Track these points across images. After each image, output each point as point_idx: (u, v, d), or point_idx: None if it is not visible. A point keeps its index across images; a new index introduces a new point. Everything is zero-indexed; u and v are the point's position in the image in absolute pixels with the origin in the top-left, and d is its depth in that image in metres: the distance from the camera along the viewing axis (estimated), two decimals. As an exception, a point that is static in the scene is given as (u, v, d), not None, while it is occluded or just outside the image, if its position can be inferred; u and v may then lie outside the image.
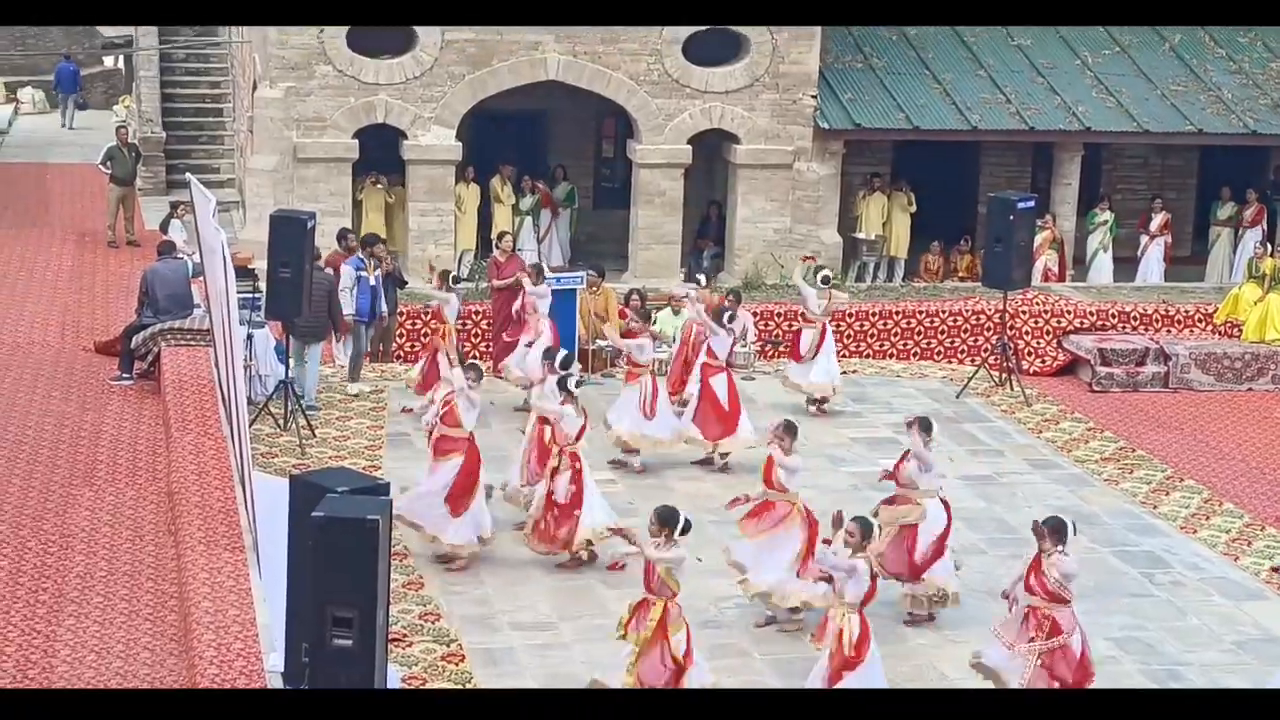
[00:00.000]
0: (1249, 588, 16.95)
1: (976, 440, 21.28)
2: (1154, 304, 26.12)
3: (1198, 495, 19.60)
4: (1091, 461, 20.67)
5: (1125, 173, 31.55)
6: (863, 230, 29.16)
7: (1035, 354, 25.14)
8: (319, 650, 11.34)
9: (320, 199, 26.04)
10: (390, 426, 20.57)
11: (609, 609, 15.60)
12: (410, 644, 14.70)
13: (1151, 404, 23.52)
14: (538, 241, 28.43)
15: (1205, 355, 24.66)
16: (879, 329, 25.35)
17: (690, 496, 18.21)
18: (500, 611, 15.62)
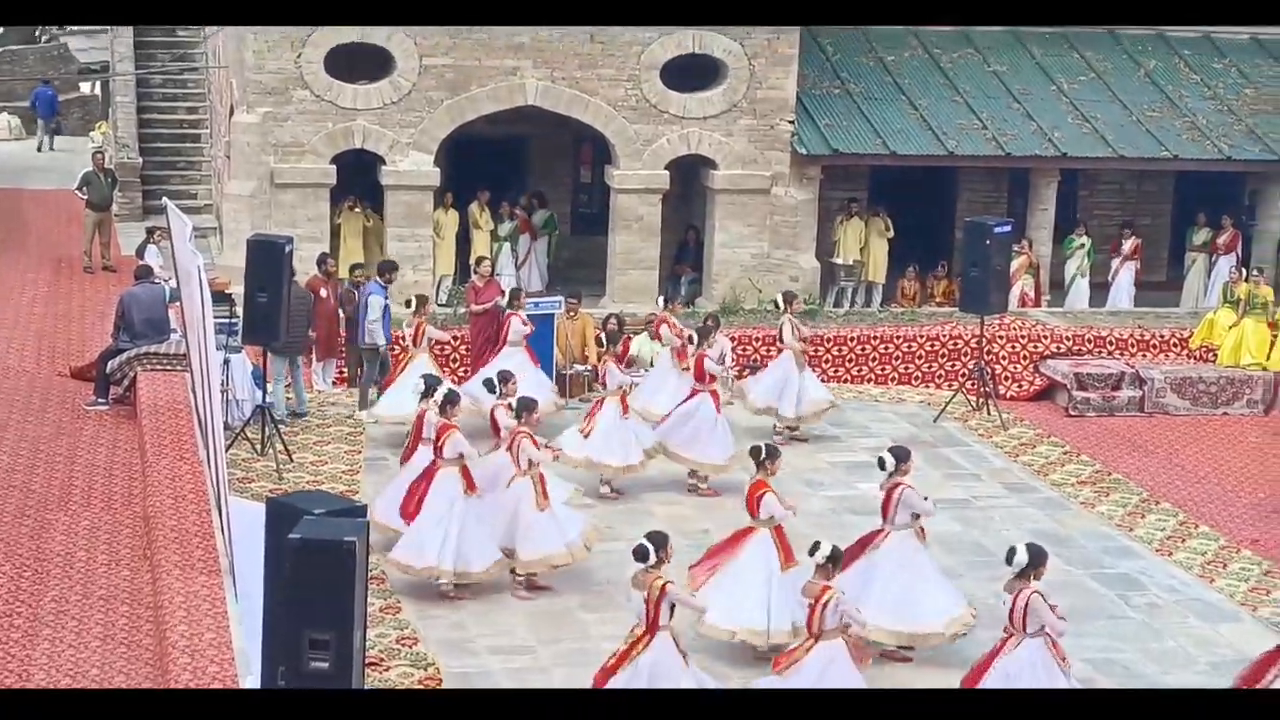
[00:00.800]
0: (1225, 610, 17.00)
1: (953, 464, 21.33)
2: (1130, 329, 26.20)
3: (1173, 518, 19.65)
4: (1068, 485, 20.72)
5: (1101, 198, 31.69)
6: (840, 256, 29.22)
7: (1012, 378, 25.20)
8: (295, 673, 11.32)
9: (298, 224, 26.03)
10: (368, 452, 20.55)
11: (589, 633, 15.65)
12: (388, 668, 14.68)
13: (1127, 428, 23.59)
14: (516, 267, 28.45)
15: (1181, 380, 24.75)
16: (857, 354, 25.39)
17: (668, 520, 18.20)
18: (478, 635, 15.61)
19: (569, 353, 23.15)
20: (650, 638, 12.96)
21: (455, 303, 25.87)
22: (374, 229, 27.69)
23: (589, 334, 23.58)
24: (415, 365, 20.67)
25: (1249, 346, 25.35)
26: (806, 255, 28.34)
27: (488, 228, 28.35)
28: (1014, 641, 13.08)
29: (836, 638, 13.11)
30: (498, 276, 25.57)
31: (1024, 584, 13.10)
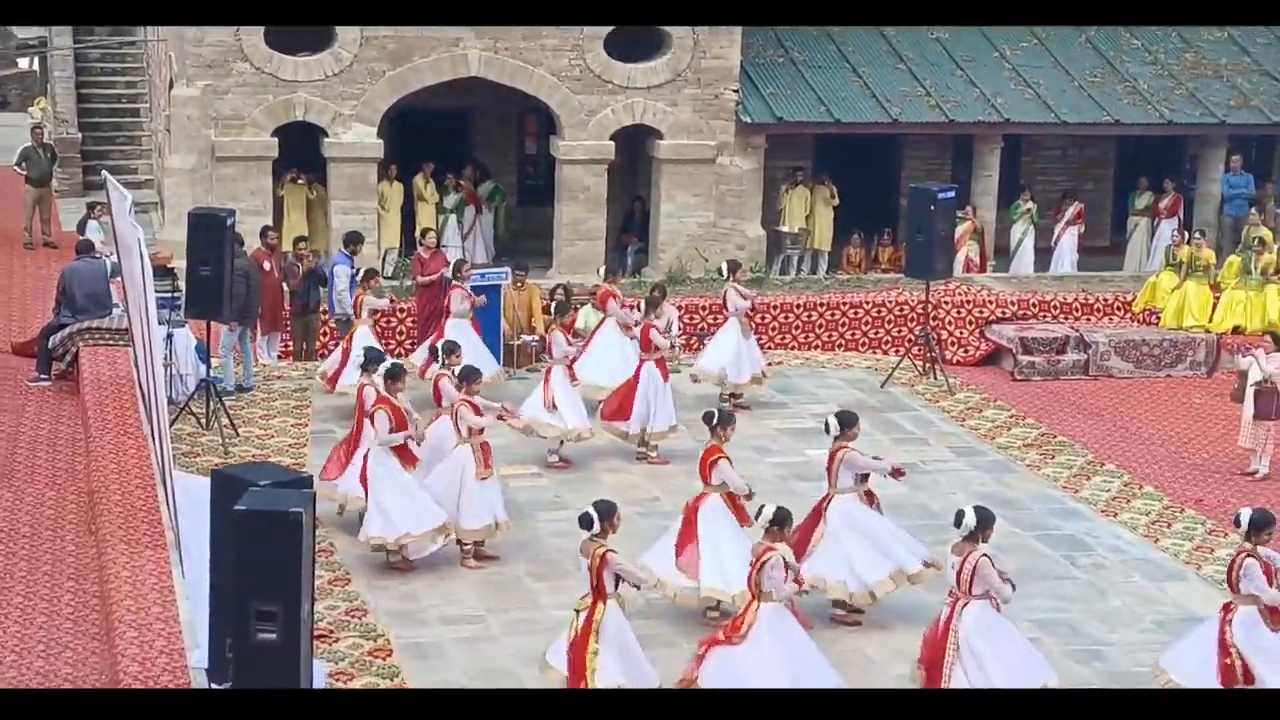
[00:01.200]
0: (1169, 569, 17.13)
1: (901, 429, 21.41)
2: (1074, 293, 26.33)
3: (1118, 479, 19.78)
4: (1014, 448, 20.83)
5: (1044, 164, 31.80)
6: (786, 224, 29.24)
7: (958, 343, 25.30)
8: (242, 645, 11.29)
9: (240, 198, 25.89)
10: (315, 425, 20.49)
11: (538, 601, 15.66)
12: (337, 639, 14.65)
13: (1072, 391, 23.72)
14: (462, 239, 28.38)
15: (1124, 343, 24.89)
16: (803, 321, 25.45)
17: (617, 488, 18.22)
18: (428, 606, 15.60)
19: (516, 324, 23.11)
20: (600, 603, 12.95)
21: (401, 275, 25.79)
22: (318, 201, 27.57)
23: (536, 305, 23.54)
24: (357, 337, 20.60)
25: (1191, 309, 25.50)
26: (752, 224, 28.35)
27: (432, 200, 28.26)
28: (960, 605, 13.12)
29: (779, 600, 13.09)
30: (443, 248, 25.50)
31: (972, 547, 13.14)
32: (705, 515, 15.28)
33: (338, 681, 13.79)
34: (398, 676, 14.03)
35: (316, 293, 22.83)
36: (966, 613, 13.02)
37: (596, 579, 12.91)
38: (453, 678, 14.14)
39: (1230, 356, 23.96)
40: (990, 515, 13.31)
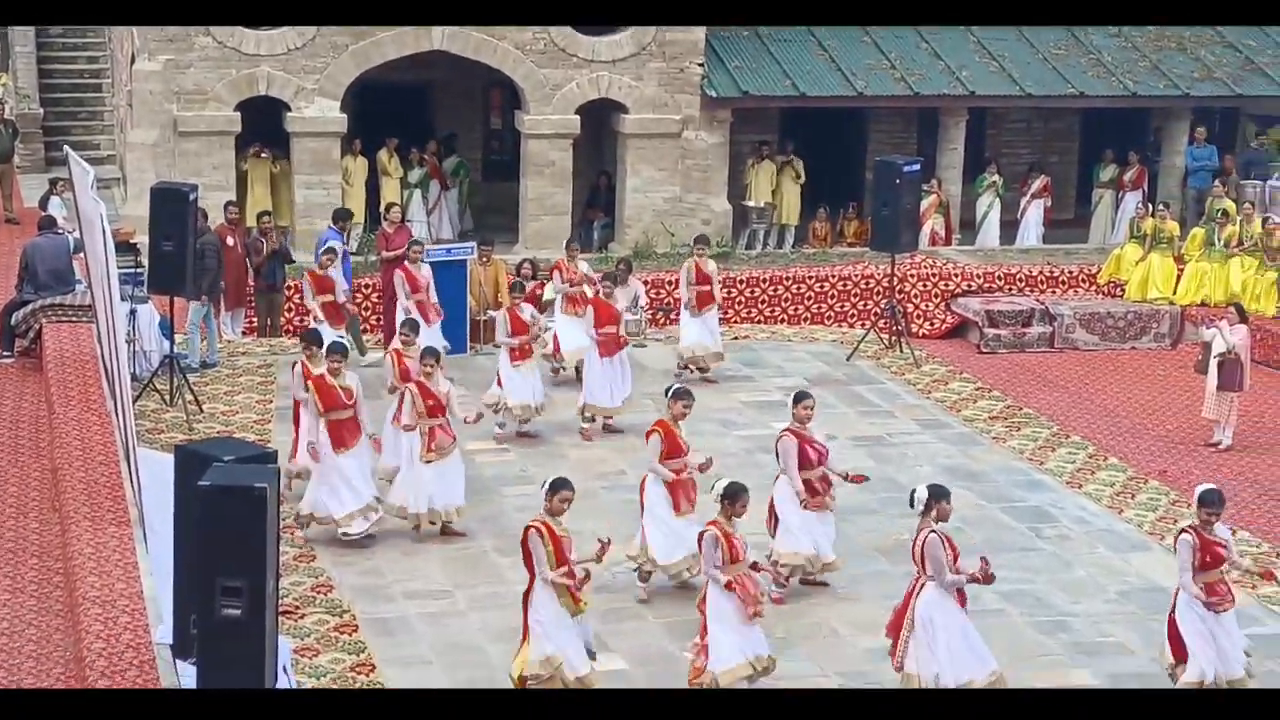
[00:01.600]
0: (1133, 539, 17.21)
1: (867, 402, 21.46)
2: (1039, 266, 26.42)
3: (1083, 451, 19.86)
4: (980, 420, 20.90)
5: (1009, 137, 31.84)
6: (752, 198, 29.25)
7: (924, 316, 25.36)
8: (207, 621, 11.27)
9: (203, 173, 25.79)
10: (279, 399, 20.44)
11: (503, 576, 15.65)
12: (302, 615, 14.64)
13: (1038, 363, 23.81)
14: (426, 214, 28.32)
15: (1089, 315, 24.98)
16: (770, 295, 25.49)
17: (582, 463, 18.24)
18: (393, 581, 15.59)
19: (482, 299, 23.07)
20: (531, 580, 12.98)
21: (365, 250, 25.72)
22: (282, 175, 27.46)
23: (502, 280, 23.47)
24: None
25: (1156, 281, 25.60)
26: (718, 198, 28.34)
27: (397, 174, 28.18)
28: (919, 583, 13.11)
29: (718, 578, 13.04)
30: (408, 223, 25.45)
31: (925, 524, 13.04)
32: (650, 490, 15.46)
33: (302, 657, 13.78)
34: (363, 652, 14.02)
35: (282, 270, 22.77)
36: (924, 592, 13.00)
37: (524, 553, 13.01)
38: (419, 653, 14.15)
39: (1194, 328, 24.07)
40: (941, 490, 13.10)
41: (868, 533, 16.91)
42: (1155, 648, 13.77)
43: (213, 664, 11.34)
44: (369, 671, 13.67)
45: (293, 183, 27.08)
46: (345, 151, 27.40)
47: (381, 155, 28.12)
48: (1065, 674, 14.16)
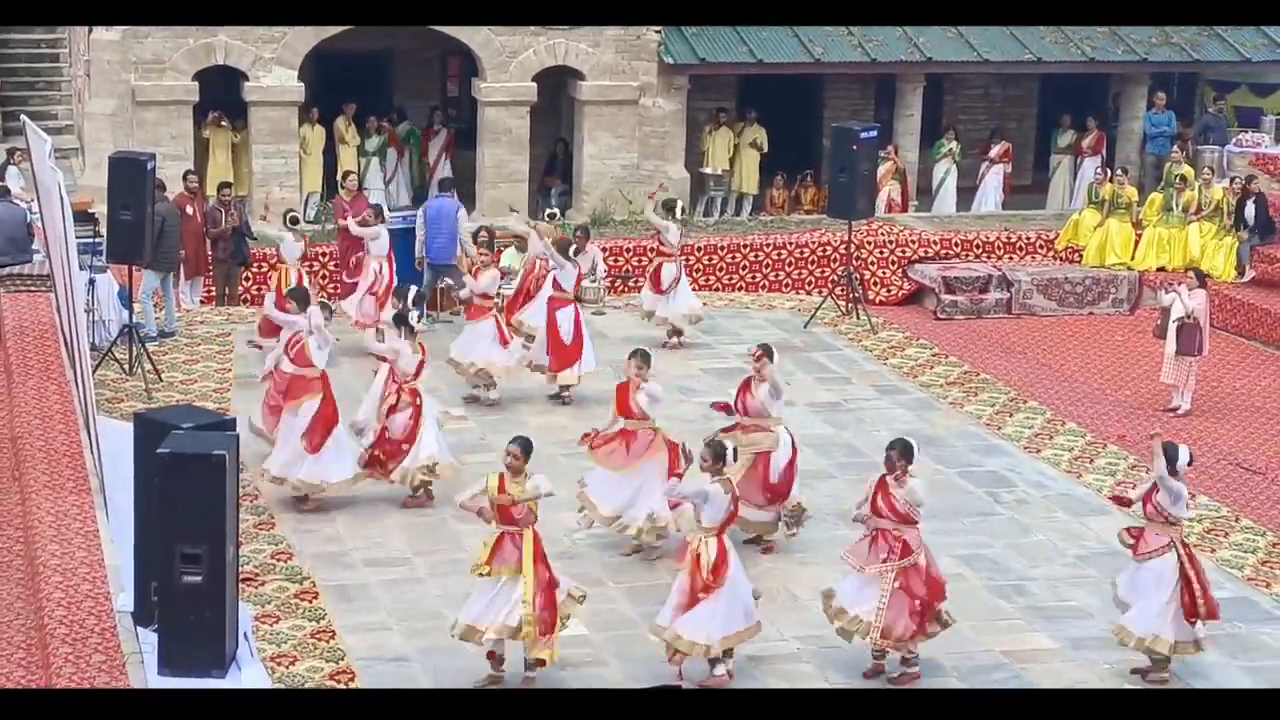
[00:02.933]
0: (1091, 504, 17.33)
1: (824, 368, 21.54)
2: (996, 231, 26.52)
3: (1040, 416, 19.98)
4: (937, 386, 21.01)
5: (967, 103, 31.89)
6: (709, 165, 29.28)
7: (881, 283, 25.45)
8: (168, 588, 11.33)
9: (161, 143, 25.68)
10: (238, 368, 20.43)
11: (462, 544, 15.67)
12: (263, 583, 14.66)
13: (995, 329, 23.92)
14: (384, 182, 28.28)
15: (1047, 281, 25.10)
16: (727, 262, 25.55)
17: (542, 429, 18.25)
18: (353, 549, 15.62)
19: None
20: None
21: (323, 219, 25.67)
22: (243, 144, 27.36)
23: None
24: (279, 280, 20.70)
25: (1114, 246, 25.74)
26: (676, 166, 28.36)
27: (354, 143, 28.11)
28: None
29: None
30: (365, 191, 25.40)
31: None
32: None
33: (263, 624, 13.81)
34: (323, 619, 14.05)
35: (243, 242, 22.74)
36: None
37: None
38: (379, 619, 14.18)
39: (1153, 293, 24.22)
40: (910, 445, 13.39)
41: (826, 497, 16.99)
42: (1114, 611, 13.87)
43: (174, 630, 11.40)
44: (329, 637, 13.70)
45: (251, 152, 26.98)
46: (303, 120, 27.33)
47: (339, 123, 28.05)
48: (1023, 638, 14.28)
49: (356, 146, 28.12)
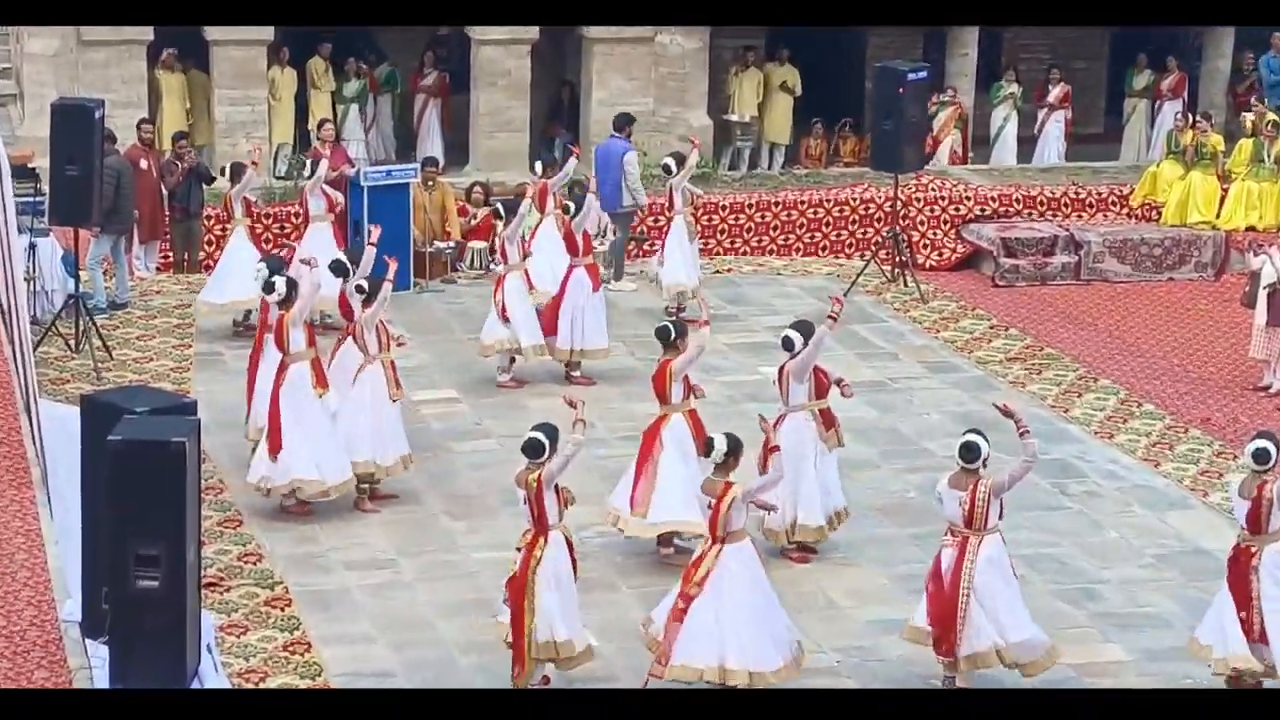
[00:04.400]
0: (1171, 496, 17.32)
1: (867, 343, 21.52)
2: (1063, 186, 26.43)
3: (1114, 396, 19.96)
4: (995, 362, 20.98)
5: (1028, 39, 31.74)
6: (735, 112, 29.22)
7: (931, 246, 25.39)
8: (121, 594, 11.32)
9: (111, 87, 25.65)
10: (199, 344, 20.45)
11: (456, 543, 15.74)
12: (228, 589, 14.69)
13: (1062, 298, 23.87)
14: (365, 131, 28.26)
15: (1121, 242, 25.02)
16: (756, 222, 25.49)
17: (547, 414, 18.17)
18: (330, 549, 15.65)
19: (428, 229, 23.05)
20: (543, 538, 13.07)
21: (295, 174, 25.67)
22: (199, 89, 27.32)
23: (450, 206, 23.52)
24: (232, 242, 20.81)
25: (1197, 202, 25.64)
26: (697, 112, 28.29)
27: (329, 87, 28.08)
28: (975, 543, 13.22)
29: (744, 538, 13.23)
30: (344, 142, 25.39)
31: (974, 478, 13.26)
32: (666, 439, 15.37)
33: (229, 635, 13.82)
34: (297, 629, 14.07)
35: (200, 194, 22.73)
36: (983, 548, 13.17)
37: (537, 508, 13.01)
38: (360, 630, 14.20)
39: (1240, 256, 24.14)
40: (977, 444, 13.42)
41: (868, 489, 16.97)
42: (1197, 619, 13.85)
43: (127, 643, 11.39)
44: (304, 650, 13.73)
45: (213, 98, 26.96)
46: (272, 62, 27.28)
47: (313, 65, 28.00)
48: (1094, 649, 14.28)
49: (332, 91, 28.09)
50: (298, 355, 16.09)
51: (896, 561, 15.63)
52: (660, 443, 15.42)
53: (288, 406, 16.00)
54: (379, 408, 16.33)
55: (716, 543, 13.16)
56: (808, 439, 15.41)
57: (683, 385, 15.46)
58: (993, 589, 13.22)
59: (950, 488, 13.38)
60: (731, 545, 13.16)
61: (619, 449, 17.39)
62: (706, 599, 13.01)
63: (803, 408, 15.45)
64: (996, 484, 13.26)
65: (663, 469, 15.36)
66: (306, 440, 15.95)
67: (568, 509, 13.26)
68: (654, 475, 15.36)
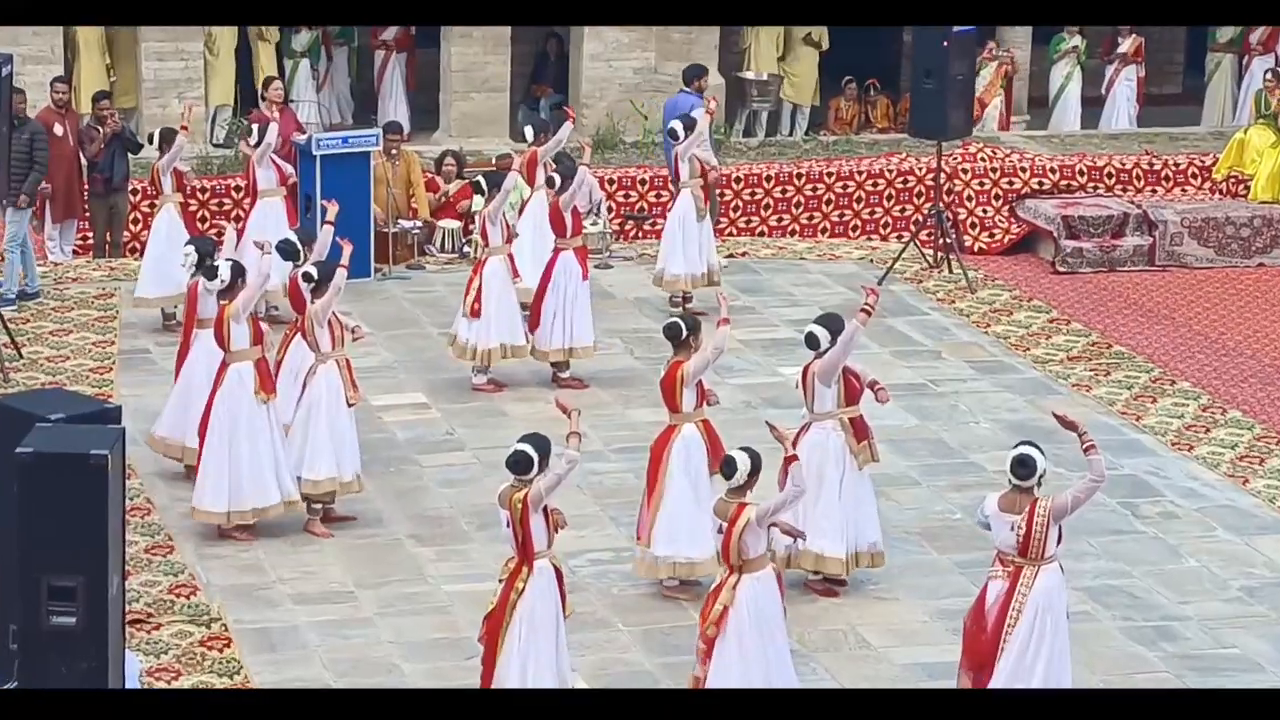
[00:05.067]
0: (1261, 519, 17.32)
1: (906, 339, 21.56)
2: (1135, 156, 26.47)
3: (1194, 402, 19.98)
4: (1055, 362, 21.01)
5: (1095, -16, 31.86)
6: (752, 68, 29.25)
7: (981, 226, 25.43)
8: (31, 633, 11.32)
9: (20, 40, 25.61)
10: (123, 341, 20.47)
11: (424, 572, 15.73)
12: (157, 626, 14.70)
13: (1133, 286, 23.91)
14: (317, 90, 28.27)
15: (1202, 221, 25.04)
16: (775, 198, 25.53)
17: (531, 423, 18.20)
18: (277, 580, 15.66)
19: (390, 206, 23.05)
20: (528, 568, 13.05)
21: (237, 141, 25.65)
22: (125, 41, 27.34)
23: (417, 179, 23.52)
24: (160, 222, 20.84)
25: (1291, 175, 25.71)
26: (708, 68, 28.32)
27: (274, 40, 28.10)
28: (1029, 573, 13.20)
29: (764, 566, 13.23)
30: (293, 104, 25.40)
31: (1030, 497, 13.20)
32: (676, 455, 15.38)
33: (157, 680, 13.83)
34: (239, 673, 14.07)
35: (125, 164, 22.73)
36: (1039, 580, 13.14)
37: (522, 533, 12.99)
38: (312, 673, 14.19)
39: (1341, 238, 24.21)
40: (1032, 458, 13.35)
41: (908, 510, 17.00)
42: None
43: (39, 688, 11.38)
44: (247, 699, 13.74)
45: (139, 52, 26.98)
46: (208, 10, 27.33)
47: (256, 14, 28.05)
48: (1170, 695, 14.29)
49: (278, 44, 28.12)
50: (240, 354, 16.09)
51: (939, 594, 15.63)
52: (667, 461, 15.42)
53: (225, 415, 16.01)
54: (335, 415, 16.33)
55: (733, 572, 13.17)
56: (833, 453, 15.37)
57: (696, 392, 15.42)
58: (1040, 631, 13.13)
59: (1000, 510, 13.31)
60: (750, 575, 13.16)
61: (616, 464, 17.45)
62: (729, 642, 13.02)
63: (830, 416, 15.42)
64: (1057, 506, 13.15)
65: (669, 493, 15.36)
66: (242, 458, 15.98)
67: (559, 534, 13.26)
68: (659, 499, 15.37)
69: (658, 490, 15.40)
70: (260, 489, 16.06)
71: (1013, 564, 13.19)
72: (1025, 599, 13.08)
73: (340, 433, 16.39)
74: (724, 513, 13.29)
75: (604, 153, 25.73)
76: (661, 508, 15.35)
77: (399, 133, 23.72)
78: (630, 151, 26.57)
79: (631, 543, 15.76)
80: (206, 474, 16.10)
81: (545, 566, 13.11)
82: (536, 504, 12.96)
